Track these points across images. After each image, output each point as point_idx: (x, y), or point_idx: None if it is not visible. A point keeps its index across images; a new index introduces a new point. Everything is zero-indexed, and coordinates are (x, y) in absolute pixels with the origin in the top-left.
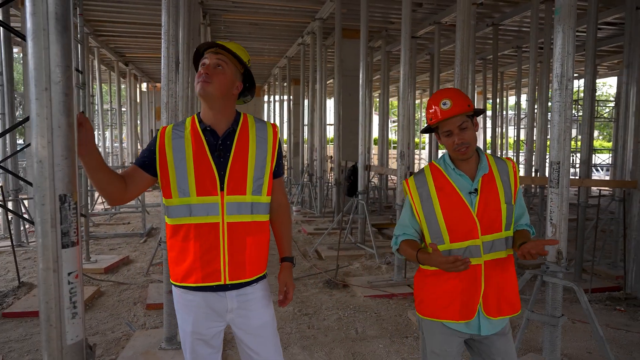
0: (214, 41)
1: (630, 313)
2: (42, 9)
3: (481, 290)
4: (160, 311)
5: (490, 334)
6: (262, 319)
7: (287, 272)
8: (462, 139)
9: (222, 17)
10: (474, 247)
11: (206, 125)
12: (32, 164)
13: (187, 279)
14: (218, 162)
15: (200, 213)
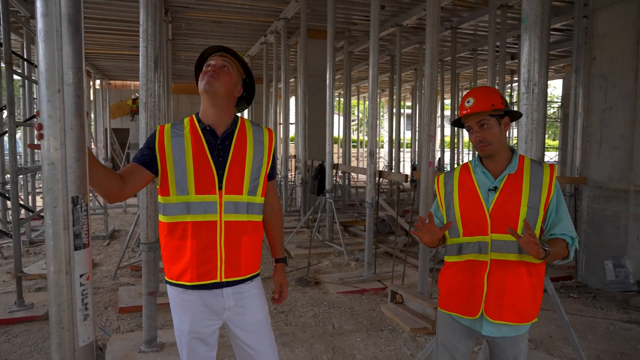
0: (220, 45)
1: (582, 299)
2: (54, 10)
3: (484, 288)
4: (134, 314)
5: (497, 337)
6: (257, 316)
7: (282, 272)
8: (480, 136)
9: (184, 14)
10: (483, 244)
11: (206, 124)
12: (43, 167)
13: (183, 276)
14: (217, 162)
15: (198, 211)
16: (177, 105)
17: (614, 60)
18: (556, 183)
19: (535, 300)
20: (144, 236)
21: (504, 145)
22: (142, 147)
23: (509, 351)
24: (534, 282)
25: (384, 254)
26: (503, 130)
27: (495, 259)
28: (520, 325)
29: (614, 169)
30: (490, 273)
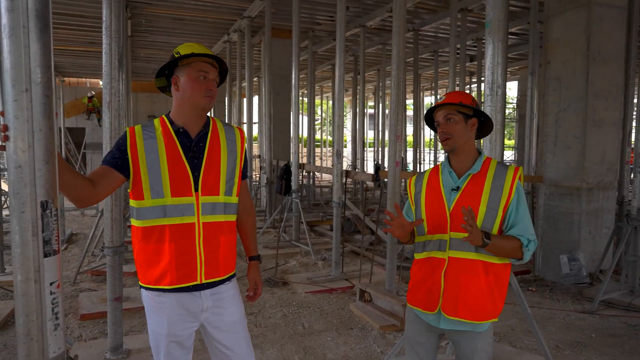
0: (210, 52)
1: (540, 292)
2: (21, 5)
3: (441, 284)
4: (96, 321)
5: (454, 333)
6: (234, 315)
7: (256, 270)
8: (445, 128)
9: (145, 10)
10: (442, 242)
11: (179, 126)
12: (9, 170)
13: (161, 280)
14: (192, 164)
15: (175, 214)
16: (136, 104)
17: (567, 64)
18: (518, 185)
19: (493, 300)
20: (109, 240)
21: (469, 144)
22: (112, 150)
23: (465, 347)
24: (491, 281)
25: (351, 252)
26: (469, 129)
27: (453, 257)
28: (474, 323)
29: (568, 168)
30: (447, 270)
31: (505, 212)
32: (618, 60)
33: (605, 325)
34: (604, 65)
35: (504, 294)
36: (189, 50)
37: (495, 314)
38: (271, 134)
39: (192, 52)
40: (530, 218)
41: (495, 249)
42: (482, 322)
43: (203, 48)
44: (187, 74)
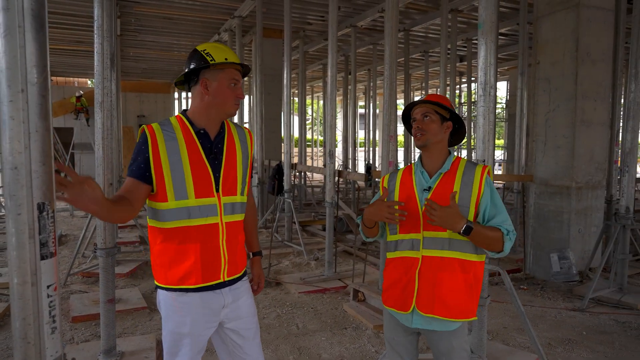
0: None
1: (531, 291)
2: (16, 4)
3: (415, 283)
4: (88, 323)
5: (429, 331)
6: (250, 307)
7: (259, 264)
8: (420, 124)
9: (134, 9)
10: (416, 241)
11: (200, 128)
12: (5, 171)
13: (186, 280)
14: (212, 165)
15: (200, 215)
16: (125, 103)
17: (557, 64)
18: (487, 180)
19: (471, 298)
20: (101, 241)
21: (441, 145)
22: (136, 159)
23: (441, 346)
24: (469, 279)
25: (343, 252)
26: (443, 131)
27: (427, 256)
28: (449, 321)
29: (557, 167)
30: (421, 269)
31: (478, 207)
32: (606, 61)
33: (595, 323)
34: (592, 66)
35: (479, 292)
36: (222, 55)
37: (471, 313)
38: (262, 134)
39: (225, 57)
40: (506, 211)
41: (479, 237)
42: (458, 319)
43: (234, 54)
44: (219, 80)
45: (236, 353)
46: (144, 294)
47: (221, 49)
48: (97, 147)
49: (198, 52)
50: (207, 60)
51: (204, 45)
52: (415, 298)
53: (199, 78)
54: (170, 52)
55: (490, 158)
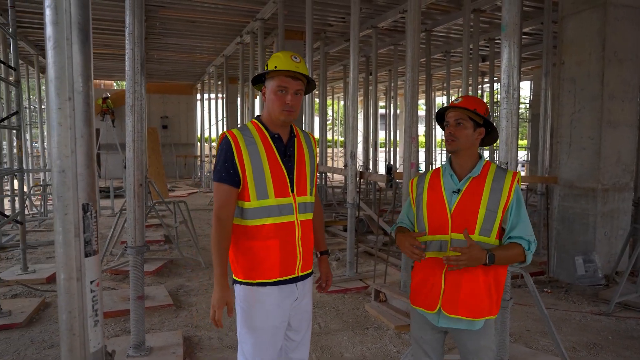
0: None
1: (555, 294)
2: (64, 18)
3: (442, 284)
4: (117, 319)
5: (456, 331)
6: (309, 305)
7: (326, 263)
8: (452, 130)
9: (159, 13)
10: (444, 242)
11: (274, 132)
12: (53, 174)
13: (265, 275)
14: (287, 167)
15: (278, 213)
16: (149, 105)
17: (582, 64)
18: (517, 188)
19: (490, 298)
20: (132, 240)
21: (472, 149)
22: (224, 165)
23: (469, 345)
24: (490, 281)
25: (364, 253)
26: (475, 136)
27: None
28: (473, 321)
29: (582, 169)
30: (447, 270)
31: (505, 213)
32: (634, 60)
33: (622, 327)
34: (619, 66)
35: (501, 291)
36: (274, 63)
37: (492, 311)
38: None
39: (275, 65)
40: (528, 219)
41: (502, 260)
42: (479, 319)
43: (290, 62)
44: (270, 87)
45: (285, 343)
46: (170, 291)
47: (278, 56)
48: (127, 148)
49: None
50: (264, 68)
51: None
52: (442, 298)
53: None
54: (193, 54)
55: (514, 160)
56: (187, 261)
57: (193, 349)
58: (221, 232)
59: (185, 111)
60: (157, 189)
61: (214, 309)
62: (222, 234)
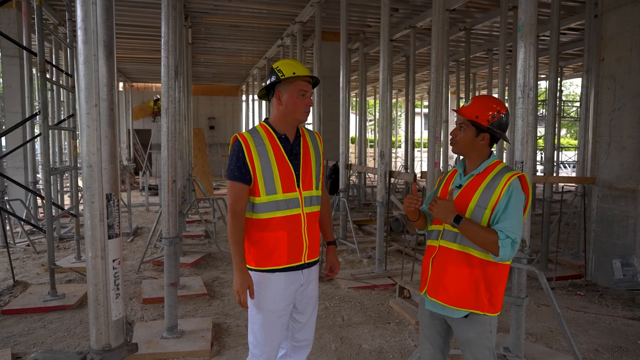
0: (308, 72)
1: (588, 297)
2: (92, 38)
3: (429, 268)
4: (156, 305)
5: (449, 319)
6: (314, 290)
7: (333, 252)
8: (454, 134)
9: (203, 19)
10: (439, 232)
11: (281, 133)
12: (83, 168)
13: (274, 262)
14: (293, 164)
15: (286, 207)
16: (197, 106)
17: (623, 61)
18: (509, 188)
19: (477, 293)
20: (165, 231)
21: (475, 151)
22: (237, 165)
23: (459, 335)
24: (477, 276)
25: (397, 252)
26: (478, 141)
27: (443, 246)
28: (452, 308)
29: (622, 169)
30: (435, 257)
31: (494, 210)
32: None
33: None
34: None
35: (494, 292)
36: (291, 70)
37: (480, 307)
38: (321, 135)
39: (294, 72)
40: (520, 220)
41: (469, 231)
42: (459, 308)
43: (303, 68)
44: (289, 92)
45: (292, 325)
46: (206, 282)
47: (291, 64)
48: (162, 148)
49: (272, 69)
50: (279, 75)
51: (278, 62)
52: (428, 282)
53: (274, 91)
54: (237, 57)
55: (529, 159)
56: (224, 255)
57: (221, 334)
58: (236, 224)
59: (231, 112)
60: (202, 187)
61: (238, 294)
62: (237, 226)
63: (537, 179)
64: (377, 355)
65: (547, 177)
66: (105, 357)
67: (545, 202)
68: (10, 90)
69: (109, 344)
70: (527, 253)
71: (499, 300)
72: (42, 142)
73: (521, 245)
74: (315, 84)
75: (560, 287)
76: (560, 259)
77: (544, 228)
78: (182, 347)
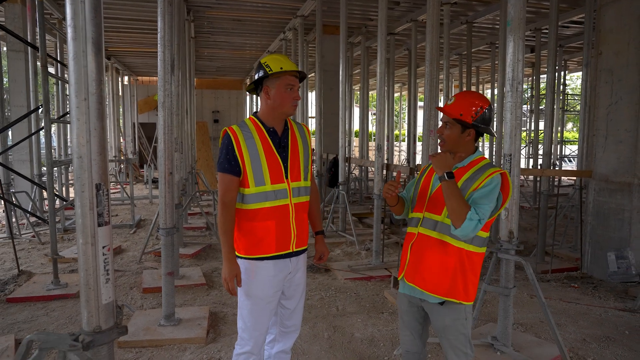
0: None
1: (582, 289)
2: (81, 34)
3: (408, 254)
4: (155, 294)
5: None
6: (302, 278)
7: (322, 242)
8: (441, 132)
9: (206, 13)
10: (418, 219)
11: (270, 127)
12: (73, 160)
13: (263, 250)
14: (281, 156)
15: (274, 197)
16: (202, 100)
17: (620, 54)
18: (492, 181)
19: (453, 281)
20: (163, 222)
21: (462, 148)
22: (226, 157)
23: (435, 321)
24: (451, 263)
25: (395, 244)
26: (464, 137)
27: (422, 233)
28: (426, 294)
29: (618, 163)
30: (414, 244)
31: (470, 195)
32: None
33: None
34: None
35: (469, 281)
36: (278, 65)
37: (456, 295)
38: (321, 128)
39: (281, 67)
40: (489, 211)
41: (450, 190)
42: (433, 294)
43: (290, 63)
44: (277, 86)
45: (280, 311)
46: (205, 273)
47: (278, 59)
48: (159, 141)
49: (260, 64)
50: (266, 70)
51: (265, 57)
52: (406, 267)
53: (263, 86)
54: (241, 50)
55: (517, 152)
56: None
57: (218, 322)
58: (226, 215)
59: (235, 105)
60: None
61: (226, 282)
62: (227, 216)
63: (536, 172)
64: (369, 343)
65: (543, 171)
66: (96, 339)
67: (543, 195)
68: (15, 84)
69: (99, 326)
70: (515, 244)
71: (472, 289)
72: (45, 134)
73: (509, 237)
74: (302, 79)
75: (556, 280)
76: (558, 252)
77: (541, 221)
78: (178, 334)
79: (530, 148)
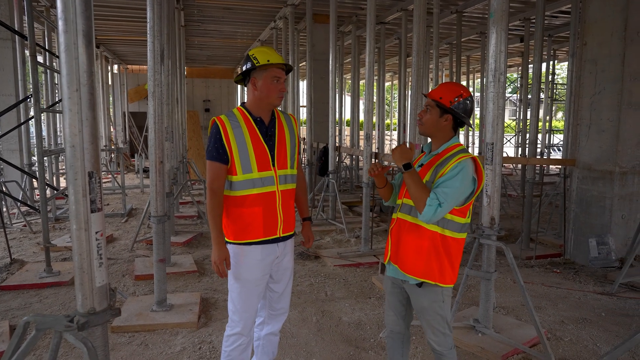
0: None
1: (564, 274)
2: (72, 27)
3: (389, 238)
4: (148, 281)
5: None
6: (290, 262)
7: (308, 227)
8: (420, 115)
9: (196, 1)
10: (398, 205)
11: (257, 116)
12: (66, 148)
13: (251, 235)
14: (268, 145)
15: (262, 185)
16: (193, 89)
17: (604, 45)
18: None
19: (428, 263)
20: (154, 210)
21: (441, 133)
22: (214, 145)
23: (414, 302)
24: (425, 245)
25: (384, 231)
26: (442, 121)
27: (400, 218)
28: (405, 274)
29: (601, 151)
30: (393, 228)
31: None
32: None
33: (619, 306)
34: None
35: (443, 264)
36: (265, 58)
37: (432, 277)
38: (312, 117)
39: (268, 59)
40: (456, 194)
41: (409, 181)
42: (410, 275)
43: (277, 56)
44: (264, 78)
45: (269, 294)
46: (197, 260)
47: (265, 52)
48: (149, 130)
49: (248, 56)
50: (254, 62)
51: (253, 50)
52: (390, 251)
53: (250, 77)
54: (232, 39)
55: (499, 141)
56: None
57: (209, 307)
58: (215, 201)
59: (227, 94)
60: (197, 169)
61: (215, 265)
62: (215, 203)
63: (519, 160)
64: (356, 326)
65: (528, 159)
66: (90, 320)
67: (528, 183)
68: (3, 73)
69: (93, 307)
70: (496, 230)
71: (449, 272)
72: (35, 124)
73: (490, 223)
74: (288, 71)
75: (540, 265)
76: (543, 238)
77: (526, 209)
78: (170, 319)
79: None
